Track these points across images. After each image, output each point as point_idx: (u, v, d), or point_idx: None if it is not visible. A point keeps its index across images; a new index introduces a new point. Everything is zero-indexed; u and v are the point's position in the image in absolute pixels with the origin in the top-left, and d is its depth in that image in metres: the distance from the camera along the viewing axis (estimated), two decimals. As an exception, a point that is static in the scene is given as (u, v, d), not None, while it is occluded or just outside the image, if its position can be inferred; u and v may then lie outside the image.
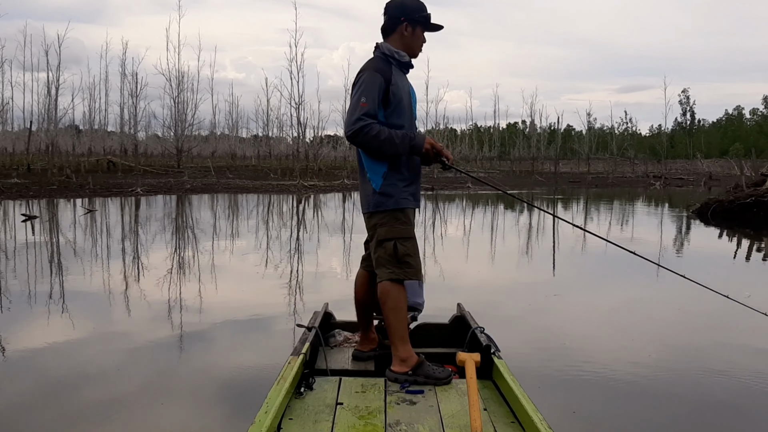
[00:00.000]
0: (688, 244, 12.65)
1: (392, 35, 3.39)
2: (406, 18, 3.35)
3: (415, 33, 3.39)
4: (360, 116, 3.10)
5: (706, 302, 6.11)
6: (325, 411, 2.82)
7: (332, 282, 7.98)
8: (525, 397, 2.78)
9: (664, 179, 38.90)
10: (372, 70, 3.24)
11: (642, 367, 4.61)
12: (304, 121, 42.06)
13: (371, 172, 3.32)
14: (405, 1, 3.39)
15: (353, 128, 3.11)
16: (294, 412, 2.80)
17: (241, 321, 5.90)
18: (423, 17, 3.38)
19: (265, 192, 25.83)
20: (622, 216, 18.76)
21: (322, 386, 3.11)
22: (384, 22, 3.41)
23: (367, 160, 3.34)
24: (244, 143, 59.86)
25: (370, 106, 3.13)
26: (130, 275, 8.13)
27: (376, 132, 3.12)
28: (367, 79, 3.19)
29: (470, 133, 70.28)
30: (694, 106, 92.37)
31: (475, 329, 3.65)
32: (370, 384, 3.17)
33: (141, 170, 33.38)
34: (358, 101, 3.13)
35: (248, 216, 17.36)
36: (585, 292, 7.69)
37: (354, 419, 2.74)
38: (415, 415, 2.79)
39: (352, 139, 3.15)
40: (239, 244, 11.22)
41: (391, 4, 3.39)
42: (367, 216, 3.41)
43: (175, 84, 41.40)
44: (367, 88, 3.15)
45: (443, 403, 2.94)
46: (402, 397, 3.00)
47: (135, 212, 17.37)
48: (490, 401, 3.00)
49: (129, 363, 4.62)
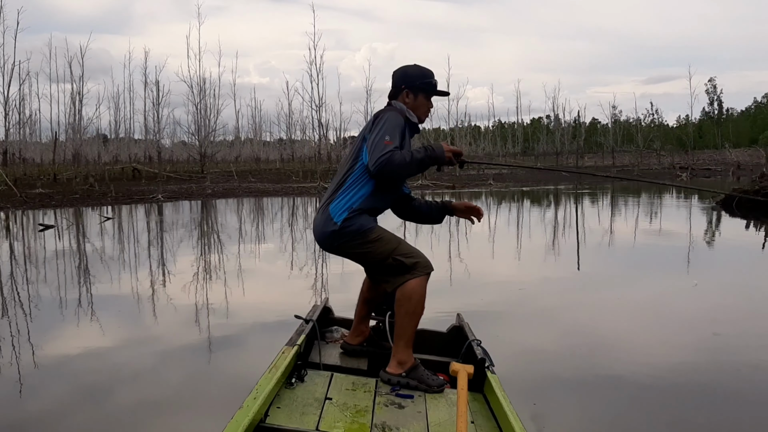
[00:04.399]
0: (710, 236, 12.37)
1: (398, 99, 3.42)
2: (407, 86, 3.38)
3: (417, 99, 3.39)
4: (384, 152, 3.04)
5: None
6: (314, 404, 2.85)
7: (342, 282, 7.92)
8: (513, 414, 2.74)
9: (690, 170, 38.27)
10: (395, 111, 3.24)
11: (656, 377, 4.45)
12: (325, 123, 42.26)
13: (338, 206, 3.23)
14: (407, 69, 3.44)
15: (378, 164, 3.04)
16: (282, 401, 2.83)
17: (270, 323, 5.87)
18: (424, 84, 3.39)
19: (284, 195, 25.90)
20: (649, 209, 18.48)
21: (313, 379, 3.14)
22: (392, 89, 3.46)
23: (341, 193, 3.25)
24: (268, 147, 60.22)
25: (394, 145, 3.08)
26: (142, 283, 8.14)
27: (400, 159, 3.05)
28: (391, 118, 3.17)
29: (494, 130, 69.90)
30: (721, 95, 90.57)
31: (472, 341, 3.62)
32: (361, 383, 3.18)
33: (164, 176, 33.68)
34: (382, 138, 3.07)
35: (259, 220, 17.39)
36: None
37: (341, 415, 2.76)
38: (402, 419, 2.80)
39: (380, 174, 3.09)
40: (247, 248, 11.22)
41: (395, 72, 3.46)
42: (329, 248, 3.35)
43: (197, 90, 41.85)
44: (391, 127, 3.12)
45: (431, 410, 2.93)
46: (391, 400, 3.00)
47: (153, 219, 17.47)
48: (478, 414, 2.99)
49: (183, 367, 4.63)
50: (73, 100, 37.84)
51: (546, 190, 28.35)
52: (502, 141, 65.47)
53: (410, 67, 3.45)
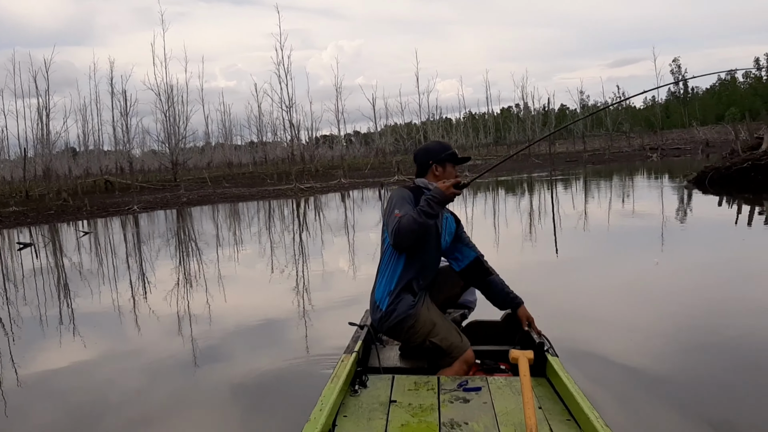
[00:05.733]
0: (684, 214, 12.58)
1: (427, 176, 3.69)
2: (434, 161, 3.68)
3: (446, 170, 3.67)
4: (395, 224, 3.28)
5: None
6: (379, 409, 2.84)
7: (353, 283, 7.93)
8: (580, 394, 2.74)
9: (660, 150, 38.81)
10: (399, 188, 3.58)
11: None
12: (296, 124, 42.12)
13: (379, 292, 3.48)
14: (428, 147, 3.81)
15: (393, 234, 3.29)
16: (348, 409, 2.83)
17: (254, 328, 5.87)
18: (448, 155, 3.70)
19: (261, 198, 25.80)
20: (620, 190, 18.73)
21: (375, 384, 3.14)
22: (417, 168, 3.75)
23: (378, 279, 3.51)
24: (240, 151, 59.80)
25: (404, 214, 3.31)
26: (128, 296, 8.09)
27: (407, 220, 3.25)
28: (395, 194, 3.49)
29: (465, 122, 70.11)
30: (685, 74, 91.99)
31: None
32: (423, 381, 3.17)
33: (137, 187, 33.39)
34: (391, 213, 3.35)
35: (238, 225, 17.33)
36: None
37: (408, 417, 2.76)
38: (469, 413, 2.78)
39: (400, 242, 3.31)
40: (230, 254, 11.19)
41: (418, 153, 3.80)
42: (379, 329, 3.58)
43: (165, 98, 41.47)
44: (397, 202, 3.40)
45: (497, 400, 2.92)
46: (455, 395, 2.99)
47: (130, 231, 17.34)
48: (544, 399, 2.97)
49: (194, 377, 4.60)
50: (40, 114, 37.29)
51: (520, 178, 28.57)
52: (474, 132, 65.68)
53: (431, 144, 3.80)
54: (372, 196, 23.71)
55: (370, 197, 23.53)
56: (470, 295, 3.90)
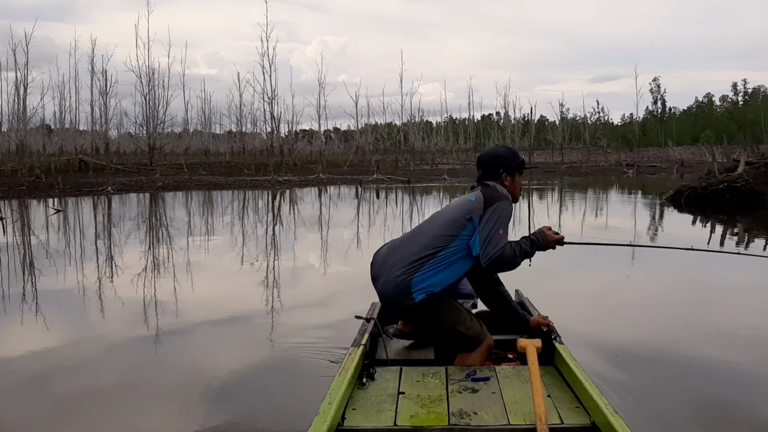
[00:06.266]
0: (662, 231, 12.69)
1: (497, 182, 3.49)
2: (505, 170, 3.48)
3: (515, 180, 3.52)
4: (498, 248, 3.14)
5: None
6: (388, 401, 2.86)
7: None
8: (589, 381, 2.76)
9: (636, 167, 39.17)
10: (508, 201, 3.34)
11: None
12: (277, 116, 41.78)
13: (422, 283, 3.22)
14: (498, 153, 3.57)
15: (491, 259, 3.15)
16: (357, 402, 2.84)
17: (220, 319, 5.76)
18: (519, 164, 3.52)
19: (238, 188, 25.59)
20: (597, 204, 18.87)
21: (383, 376, 3.15)
22: (482, 173, 3.54)
23: (429, 272, 3.23)
24: (217, 139, 59.24)
25: (506, 238, 3.21)
26: (93, 276, 7.94)
27: (510, 254, 3.18)
28: (506, 209, 3.27)
29: (445, 126, 70.29)
30: (664, 94, 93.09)
31: None
32: (431, 372, 3.18)
33: (113, 169, 32.96)
34: (496, 232, 3.18)
35: (214, 214, 17.17)
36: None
37: (417, 408, 2.77)
38: (478, 403, 2.80)
39: (491, 269, 3.22)
40: (203, 243, 11.05)
41: (486, 158, 3.56)
42: (395, 309, 3.46)
43: (146, 81, 40.89)
44: (504, 220, 3.24)
45: (506, 390, 2.94)
46: (464, 386, 3.00)
47: (105, 211, 17.09)
48: (553, 387, 2.99)
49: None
50: (17, 89, 36.54)
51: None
52: (454, 137, 65.87)
53: (501, 150, 3.60)
54: (349, 193, 23.63)
55: (347, 194, 23.45)
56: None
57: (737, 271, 7.66)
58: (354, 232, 12.57)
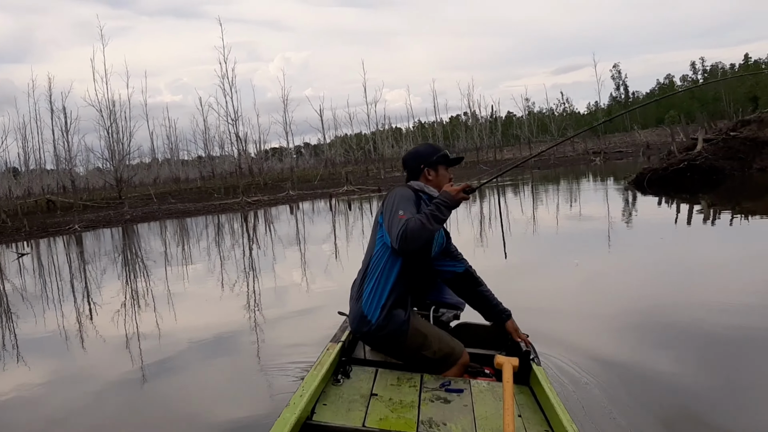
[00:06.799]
0: (628, 215, 12.82)
1: (419, 180, 3.51)
2: (425, 164, 3.50)
3: (438, 173, 3.52)
4: (400, 227, 3.06)
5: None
6: (359, 400, 2.85)
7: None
8: (561, 406, 2.74)
9: (603, 154, 39.60)
10: (401, 187, 3.38)
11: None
12: (243, 137, 41.72)
13: (369, 303, 3.23)
14: (418, 150, 3.59)
15: (399, 238, 3.04)
16: (329, 398, 2.84)
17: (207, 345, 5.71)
18: (440, 158, 3.53)
19: (207, 213, 25.41)
20: (562, 194, 19.02)
21: (358, 375, 3.13)
22: (407, 173, 3.57)
23: (368, 288, 3.25)
24: (187, 166, 58.89)
25: (408, 215, 3.12)
26: (67, 318, 7.83)
27: (415, 224, 3.05)
28: (398, 194, 3.28)
29: (414, 131, 70.57)
30: (626, 79, 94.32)
31: None
32: (406, 378, 3.16)
33: (80, 206, 32.60)
34: (395, 214, 3.14)
35: (179, 241, 17.04)
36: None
37: (387, 411, 2.77)
38: (449, 414, 2.79)
39: (405, 247, 3.06)
40: (173, 271, 10.95)
41: (408, 157, 3.59)
42: (365, 340, 3.39)
43: (107, 114, 40.54)
44: (401, 201, 3.21)
45: (478, 404, 2.93)
46: (437, 395, 2.99)
47: (70, 250, 16.88)
48: (525, 407, 2.98)
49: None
50: (-24, 134, 36.08)
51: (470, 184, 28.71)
52: (423, 141, 66.10)
53: (421, 147, 3.61)
54: (318, 208, 23.59)
55: (316, 209, 23.40)
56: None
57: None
58: (322, 246, 12.54)
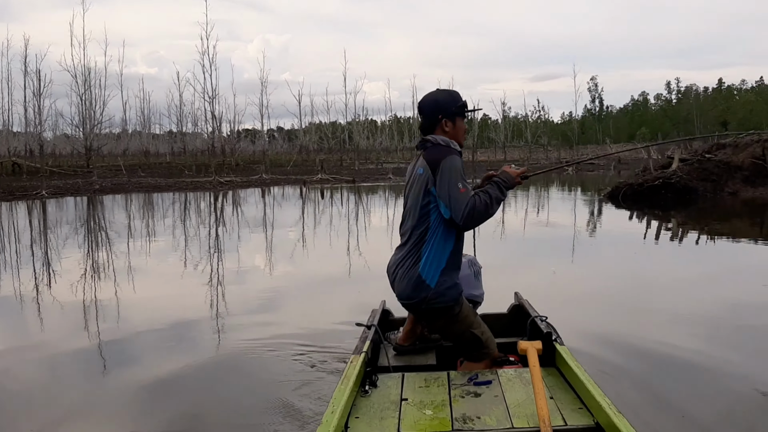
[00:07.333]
0: (601, 227, 12.99)
1: (435, 131, 3.32)
2: (444, 115, 3.30)
3: (456, 125, 3.33)
4: (466, 204, 3.03)
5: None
6: (391, 407, 2.83)
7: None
8: (591, 382, 2.76)
9: (576, 165, 40.00)
10: (452, 154, 3.18)
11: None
12: (219, 116, 41.20)
13: (427, 267, 3.16)
14: (437, 97, 3.37)
15: (465, 216, 3.03)
16: (360, 410, 2.81)
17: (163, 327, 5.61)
18: (459, 108, 3.34)
19: (178, 190, 25.12)
20: (538, 201, 19.18)
21: (385, 383, 3.11)
22: (422, 121, 3.37)
23: (428, 253, 3.17)
24: (157, 140, 58.02)
25: (469, 191, 3.08)
26: (24, 284, 7.66)
27: (482, 205, 3.06)
28: (453, 163, 3.12)
29: (390, 124, 70.52)
30: (602, 92, 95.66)
31: (535, 318, 3.63)
32: (433, 378, 3.15)
33: (47, 171, 31.94)
34: (456, 189, 3.05)
35: (152, 216, 16.81)
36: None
37: (420, 414, 2.74)
38: (481, 407, 2.78)
39: (470, 225, 3.08)
40: (142, 246, 10.79)
41: (425, 105, 3.36)
42: (416, 311, 3.34)
43: (82, 81, 39.81)
44: (458, 174, 3.10)
45: (508, 393, 2.91)
46: (466, 390, 2.98)
47: (36, 217, 16.54)
48: (555, 388, 2.98)
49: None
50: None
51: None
52: (399, 135, 66.11)
53: (439, 94, 3.39)
54: (292, 194, 23.46)
55: (290, 195, 23.27)
56: (477, 290, 3.77)
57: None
58: (298, 234, 12.47)
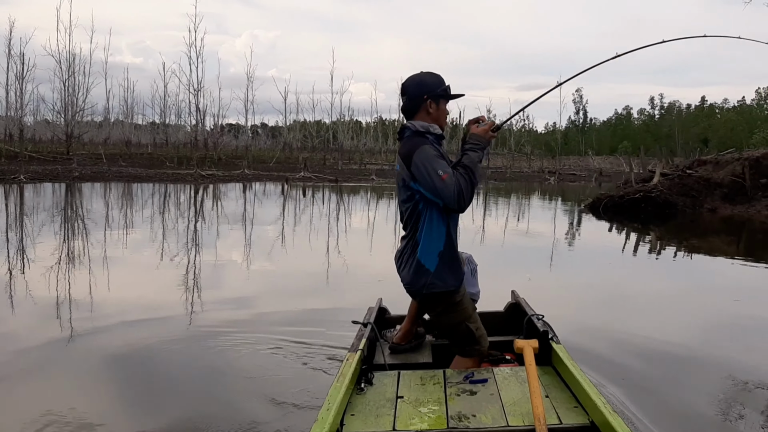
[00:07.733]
0: (580, 237, 13.05)
1: (418, 114, 3.30)
2: (429, 95, 3.28)
3: (440, 107, 3.33)
4: (452, 189, 3.01)
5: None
6: (386, 405, 2.83)
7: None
8: (586, 381, 2.77)
9: (558, 174, 40.27)
10: (423, 144, 3.16)
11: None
12: (203, 108, 40.94)
13: (425, 252, 3.17)
14: (423, 79, 3.34)
15: (457, 200, 3.02)
16: (355, 407, 2.81)
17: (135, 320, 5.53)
18: (444, 90, 3.33)
19: (159, 181, 24.91)
20: (520, 210, 19.25)
21: (381, 381, 3.11)
22: (404, 102, 3.33)
23: (423, 239, 3.17)
24: (139, 130, 57.53)
25: (449, 172, 3.04)
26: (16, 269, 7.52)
27: (466, 181, 3.05)
28: (425, 153, 3.10)
29: (375, 126, 70.49)
30: (586, 105, 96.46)
31: (531, 316, 3.62)
32: (429, 376, 3.16)
33: (26, 156, 31.53)
34: (438, 177, 3.02)
35: (131, 206, 16.64)
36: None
37: (415, 411, 2.75)
38: (477, 405, 2.79)
39: (463, 207, 3.06)
40: (119, 236, 10.66)
41: (410, 84, 3.33)
42: (418, 296, 3.32)
43: (66, 66, 39.34)
44: (434, 160, 3.06)
45: (504, 391, 2.92)
46: (462, 388, 2.98)
47: (12, 201, 16.30)
48: (551, 387, 2.99)
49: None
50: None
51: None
52: (383, 137, 66.10)
53: (425, 76, 3.36)
54: (274, 191, 23.34)
55: (272, 192, 23.15)
56: (473, 288, 3.71)
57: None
58: (278, 231, 12.40)
